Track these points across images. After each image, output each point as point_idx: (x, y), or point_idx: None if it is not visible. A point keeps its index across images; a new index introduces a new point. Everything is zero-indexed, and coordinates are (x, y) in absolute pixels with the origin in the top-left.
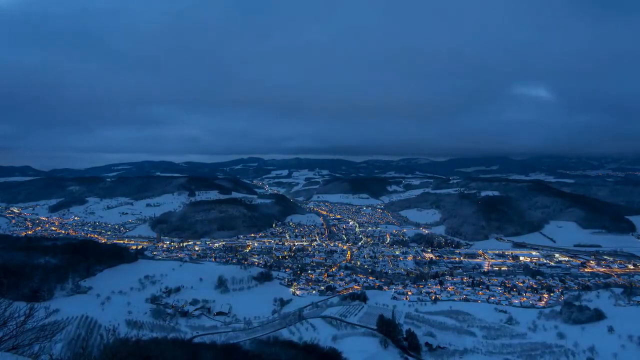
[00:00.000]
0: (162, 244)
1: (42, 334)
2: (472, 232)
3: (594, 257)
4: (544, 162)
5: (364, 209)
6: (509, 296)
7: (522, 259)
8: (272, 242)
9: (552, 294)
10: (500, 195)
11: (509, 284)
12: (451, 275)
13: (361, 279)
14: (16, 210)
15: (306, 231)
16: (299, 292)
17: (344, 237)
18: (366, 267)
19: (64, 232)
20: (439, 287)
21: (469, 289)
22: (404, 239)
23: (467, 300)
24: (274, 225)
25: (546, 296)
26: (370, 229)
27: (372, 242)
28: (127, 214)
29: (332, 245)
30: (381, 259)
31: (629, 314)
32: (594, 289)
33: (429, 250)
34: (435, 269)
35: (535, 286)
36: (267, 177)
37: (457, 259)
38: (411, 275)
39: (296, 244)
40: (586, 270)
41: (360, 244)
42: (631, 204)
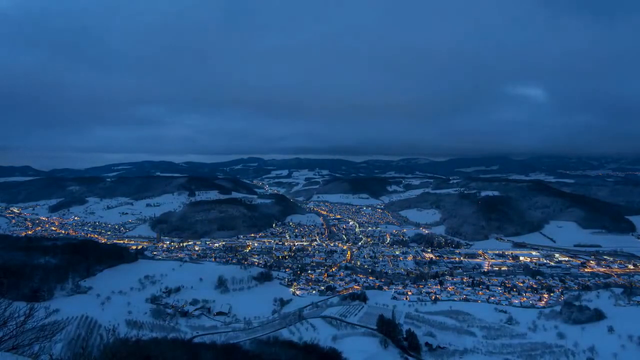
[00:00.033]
0: (162, 244)
1: (42, 334)
2: (472, 232)
3: (594, 257)
4: (544, 162)
5: (364, 209)
6: (509, 296)
7: (522, 259)
8: (272, 242)
9: (552, 294)
10: (500, 195)
11: (509, 284)
12: (451, 275)
13: (361, 279)
14: (16, 210)
15: (306, 231)
16: (299, 292)
17: (344, 237)
18: (366, 267)
19: (64, 232)
20: (439, 287)
21: (469, 289)
22: (404, 239)
23: (467, 300)
24: (274, 225)
25: (546, 296)
26: (370, 229)
27: (372, 242)
28: (127, 214)
29: (332, 245)
30: (381, 259)
31: (629, 314)
32: (594, 289)
33: (429, 250)
34: (435, 269)
35: (535, 286)
36: (267, 177)
37: (457, 259)
38: (411, 275)
39: (296, 244)
40: (586, 270)
41: (360, 244)
42: (631, 204)
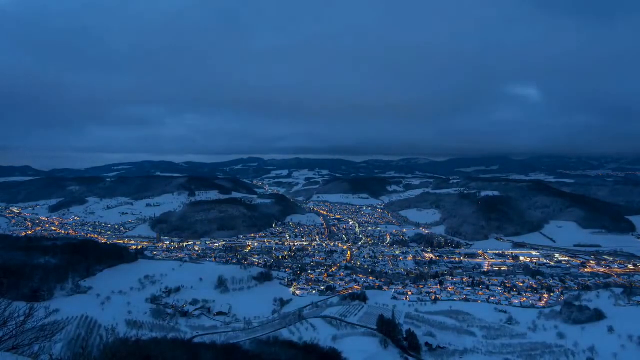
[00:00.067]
0: (162, 244)
1: (42, 334)
2: (472, 232)
3: (594, 257)
4: (544, 162)
5: (364, 209)
6: (509, 296)
7: (522, 259)
8: (272, 242)
9: (552, 294)
10: (500, 195)
11: (509, 284)
12: (451, 275)
13: (361, 279)
14: (16, 210)
15: (306, 231)
16: (299, 292)
17: (344, 237)
18: (366, 267)
19: (64, 232)
20: (439, 287)
21: (469, 289)
22: (404, 239)
23: (467, 300)
24: (274, 225)
25: (546, 296)
26: (370, 229)
27: (372, 242)
28: (127, 214)
29: (332, 245)
30: (381, 259)
31: (629, 314)
32: (594, 289)
33: (429, 250)
34: (435, 269)
35: (535, 286)
36: (267, 177)
37: (457, 259)
38: (411, 275)
39: (296, 244)
40: (586, 270)
41: (360, 244)
42: (631, 204)
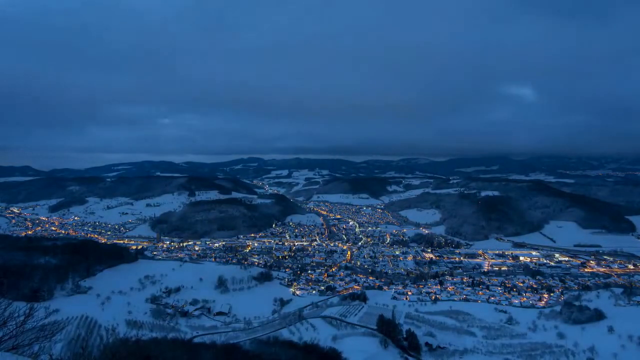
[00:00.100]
0: (162, 244)
1: (42, 334)
2: (472, 232)
3: (594, 257)
4: (544, 162)
5: (364, 209)
6: (509, 296)
7: (522, 259)
8: (272, 242)
9: (552, 294)
10: (500, 195)
11: (509, 284)
12: (451, 275)
13: (361, 279)
14: (16, 210)
15: (306, 231)
16: (299, 292)
17: (344, 237)
18: (366, 267)
19: (64, 232)
20: (439, 287)
21: (469, 289)
22: (404, 239)
23: (467, 300)
24: (274, 225)
25: (546, 296)
26: (370, 229)
27: (372, 242)
28: (127, 214)
29: (332, 245)
30: (381, 259)
31: (629, 314)
32: (594, 289)
33: (429, 250)
34: (435, 269)
35: (535, 286)
36: (267, 177)
37: (457, 259)
38: (411, 275)
39: (296, 244)
40: (586, 270)
41: (360, 244)
42: (631, 204)
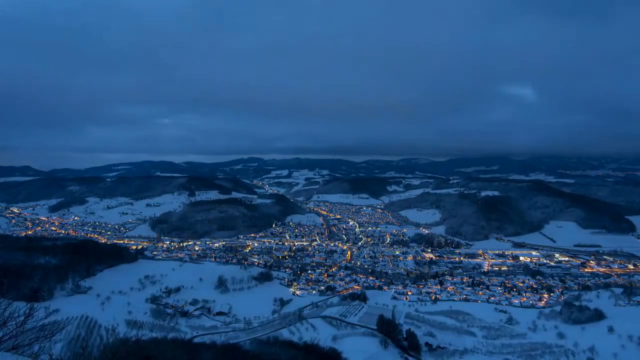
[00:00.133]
0: (162, 244)
1: (42, 334)
2: (472, 232)
3: (594, 257)
4: (544, 162)
5: (364, 209)
6: (509, 296)
7: (522, 259)
8: (272, 242)
9: (552, 294)
10: (500, 195)
11: (509, 284)
12: (451, 275)
13: (361, 279)
14: (16, 210)
15: (306, 231)
16: (299, 292)
17: (344, 237)
18: (366, 267)
19: (64, 232)
20: (439, 287)
21: (469, 289)
22: (404, 239)
23: (467, 300)
24: (274, 225)
25: (546, 296)
26: (370, 229)
27: (372, 242)
28: (127, 214)
29: (332, 245)
30: (381, 259)
31: (629, 314)
32: (594, 289)
33: (429, 250)
34: (435, 269)
35: (535, 286)
36: (267, 177)
37: (457, 259)
38: (411, 275)
39: (296, 244)
40: (586, 270)
41: (360, 244)
42: (631, 204)
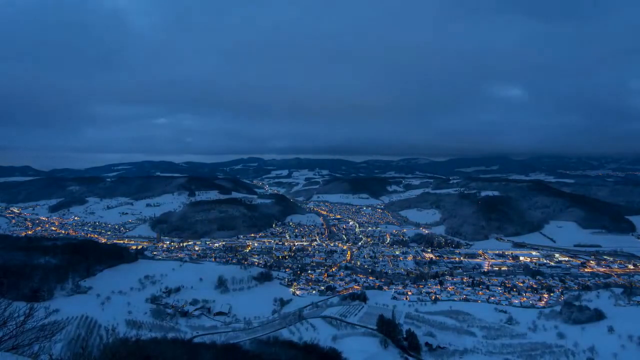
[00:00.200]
0: (162, 244)
1: (42, 334)
2: (472, 232)
3: (594, 257)
4: (544, 162)
5: (364, 209)
6: (509, 296)
7: (522, 259)
8: (272, 242)
9: (552, 294)
10: (500, 195)
11: (509, 284)
12: (451, 275)
13: (361, 279)
14: (16, 210)
15: (306, 231)
16: (299, 292)
17: (344, 237)
18: (366, 267)
19: (64, 232)
20: (439, 287)
21: (469, 289)
22: (404, 239)
23: (467, 300)
24: (274, 225)
25: (546, 296)
26: (370, 229)
27: (372, 242)
28: (127, 214)
29: (332, 245)
30: (381, 259)
31: (629, 314)
32: (594, 289)
33: (429, 250)
34: (435, 269)
35: (535, 286)
36: (267, 177)
37: (457, 259)
38: (411, 275)
39: (296, 244)
40: (586, 270)
41: (360, 244)
42: (631, 204)
